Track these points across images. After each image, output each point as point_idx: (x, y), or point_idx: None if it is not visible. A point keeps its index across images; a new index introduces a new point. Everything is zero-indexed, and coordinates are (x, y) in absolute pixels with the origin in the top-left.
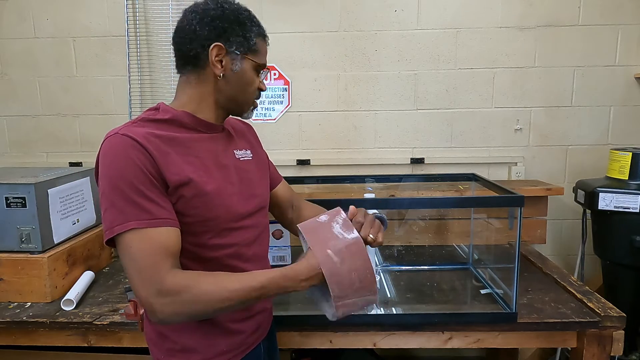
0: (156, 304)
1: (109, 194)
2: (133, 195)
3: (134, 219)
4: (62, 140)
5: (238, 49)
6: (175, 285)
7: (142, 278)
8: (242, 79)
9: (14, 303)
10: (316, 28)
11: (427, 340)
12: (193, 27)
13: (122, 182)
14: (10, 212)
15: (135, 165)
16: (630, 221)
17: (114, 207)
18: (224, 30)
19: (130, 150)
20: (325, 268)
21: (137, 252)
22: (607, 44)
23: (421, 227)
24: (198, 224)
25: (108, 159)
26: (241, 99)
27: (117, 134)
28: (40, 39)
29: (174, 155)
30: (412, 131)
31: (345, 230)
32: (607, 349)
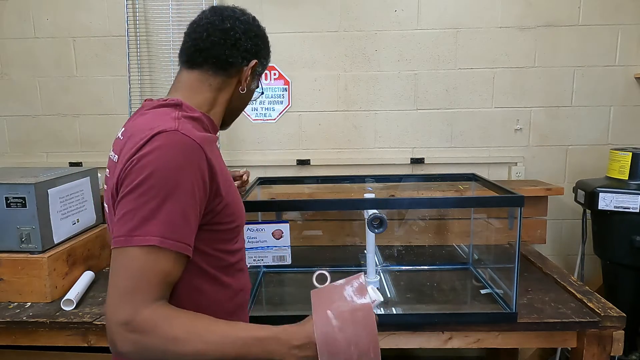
0: (120, 334)
1: (145, 194)
2: (175, 206)
3: (160, 235)
4: (62, 140)
5: (262, 67)
6: (146, 322)
7: (119, 301)
8: (248, 98)
9: (14, 303)
10: (316, 28)
11: (427, 340)
12: (238, 35)
13: (172, 190)
14: (10, 212)
15: (191, 176)
16: (630, 221)
17: (144, 211)
18: (260, 49)
19: (191, 154)
20: (319, 331)
21: (134, 270)
22: (607, 44)
23: (421, 227)
24: (232, 230)
25: (163, 155)
26: (237, 114)
27: (177, 131)
28: (40, 39)
29: (219, 159)
30: (412, 131)
31: (357, 294)
32: (607, 349)
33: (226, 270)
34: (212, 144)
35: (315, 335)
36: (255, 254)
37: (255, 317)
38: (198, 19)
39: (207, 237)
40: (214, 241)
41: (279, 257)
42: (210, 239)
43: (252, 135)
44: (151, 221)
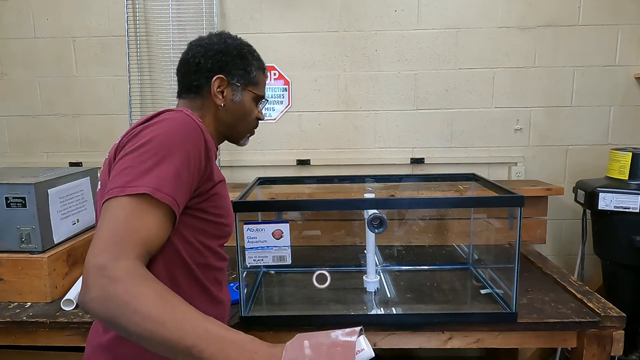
0: (92, 278)
1: (143, 154)
2: (170, 167)
3: (152, 186)
4: (62, 140)
5: (239, 81)
6: (121, 270)
7: (102, 247)
8: (241, 109)
9: (14, 303)
10: (316, 28)
11: (427, 340)
12: (197, 59)
13: (169, 149)
14: (10, 212)
15: (190, 149)
16: (630, 221)
17: (140, 168)
18: (226, 64)
19: (193, 131)
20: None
21: (125, 219)
22: (607, 44)
23: (421, 227)
24: (218, 226)
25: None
26: (240, 127)
27: (181, 112)
28: (40, 39)
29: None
30: (412, 131)
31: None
32: (607, 349)
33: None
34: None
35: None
36: (255, 254)
37: (256, 317)
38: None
39: (191, 224)
40: (198, 231)
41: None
42: (194, 226)
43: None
44: (146, 175)
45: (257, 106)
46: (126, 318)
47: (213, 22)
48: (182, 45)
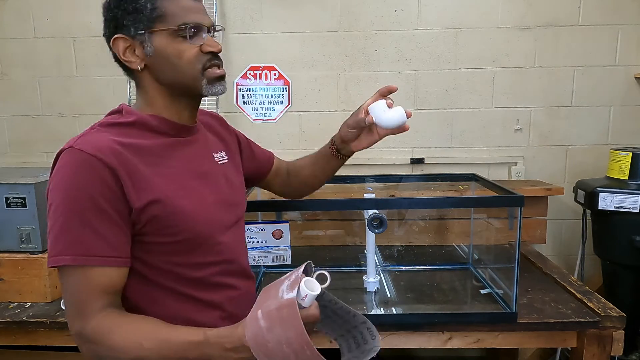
0: (78, 344)
1: (55, 217)
2: (82, 225)
3: (71, 254)
4: (62, 140)
5: (138, 28)
6: (93, 334)
7: (71, 315)
8: (165, 58)
9: (14, 303)
10: (316, 28)
11: (427, 340)
12: (103, 17)
13: (71, 207)
14: (10, 212)
15: (90, 190)
16: (630, 221)
17: (56, 232)
18: (114, 19)
19: (87, 169)
20: (250, 332)
21: (71, 287)
22: (607, 44)
23: (421, 227)
24: (180, 243)
25: (61, 177)
26: (182, 75)
27: (72, 148)
28: (40, 39)
29: (143, 168)
30: (412, 131)
31: (289, 289)
32: (607, 349)
33: (190, 283)
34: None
35: (246, 339)
36: (255, 254)
37: None
38: None
39: (151, 250)
40: (162, 254)
41: (279, 257)
42: (155, 251)
43: (252, 135)
44: (60, 241)
45: (188, 41)
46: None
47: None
48: None
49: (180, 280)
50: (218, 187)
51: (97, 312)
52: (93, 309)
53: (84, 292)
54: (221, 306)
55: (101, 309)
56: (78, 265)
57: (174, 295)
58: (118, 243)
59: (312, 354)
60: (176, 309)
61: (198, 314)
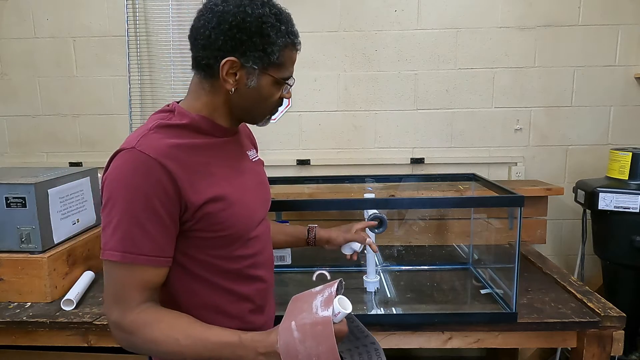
0: (114, 333)
1: (110, 213)
2: (134, 224)
3: (122, 250)
4: (62, 140)
5: (256, 63)
6: (131, 325)
7: (110, 304)
8: (258, 95)
9: (14, 303)
10: (316, 28)
11: (427, 340)
12: (208, 32)
13: (129, 206)
14: (10, 212)
15: (147, 191)
16: (630, 221)
17: (115, 229)
18: (241, 43)
19: (146, 171)
20: (282, 341)
21: (114, 279)
22: (607, 44)
23: (421, 227)
24: (224, 238)
25: (120, 175)
26: (257, 112)
27: (134, 150)
28: (40, 39)
29: (198, 168)
30: (412, 131)
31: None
32: (607, 349)
33: (226, 275)
34: (190, 152)
35: (277, 346)
36: None
37: None
38: None
39: (194, 244)
40: (204, 247)
41: (279, 257)
42: (197, 245)
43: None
44: (113, 237)
45: (280, 89)
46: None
47: None
48: (182, 45)
49: (216, 272)
50: (254, 184)
51: (137, 306)
52: (133, 302)
53: (126, 286)
54: (251, 298)
55: (140, 302)
56: (126, 264)
57: (209, 285)
58: (165, 244)
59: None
60: (210, 299)
61: (230, 305)
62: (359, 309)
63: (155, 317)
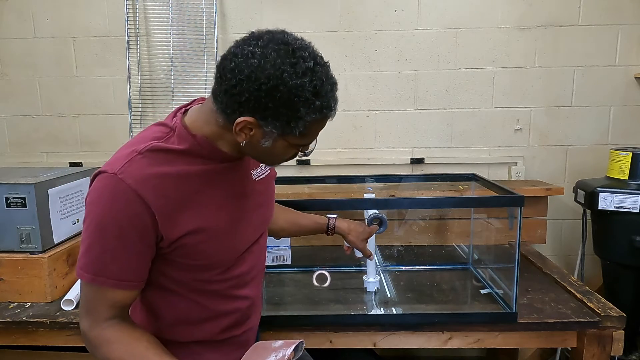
0: (83, 339)
1: (86, 233)
2: (106, 249)
3: (91, 272)
4: (62, 140)
5: (275, 129)
6: (95, 340)
7: (82, 313)
8: (269, 153)
9: (14, 303)
10: (316, 28)
11: (427, 340)
12: (235, 81)
13: (102, 232)
14: (10, 212)
15: (121, 221)
16: (630, 221)
17: (83, 248)
18: (265, 108)
19: (124, 201)
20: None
21: (86, 294)
22: (607, 44)
23: (421, 227)
24: (203, 266)
25: (98, 199)
26: (265, 161)
27: (115, 176)
28: (40, 39)
29: (182, 199)
30: (412, 131)
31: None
32: (607, 349)
33: (205, 295)
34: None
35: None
36: None
37: None
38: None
39: (173, 267)
40: (183, 270)
41: (279, 257)
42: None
43: None
44: (84, 258)
45: (297, 150)
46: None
47: (213, 22)
48: (182, 45)
49: (196, 292)
50: (253, 207)
51: (103, 322)
52: (101, 318)
53: (95, 303)
54: (232, 315)
55: (108, 319)
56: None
57: (188, 302)
58: (137, 269)
59: None
60: (189, 315)
61: (208, 320)
62: (359, 309)
63: (116, 336)
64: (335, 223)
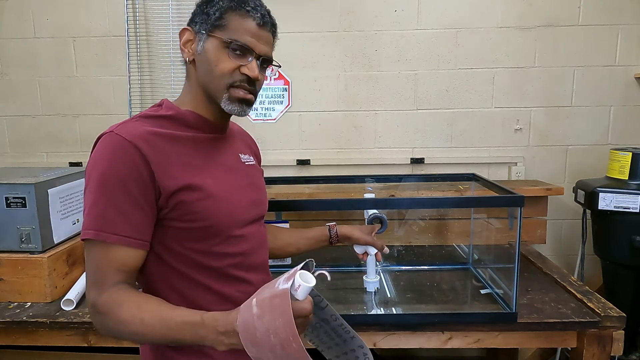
0: (92, 317)
1: (88, 194)
2: (109, 204)
3: (95, 229)
4: (62, 140)
5: (202, 27)
6: (104, 305)
7: (89, 286)
8: (207, 60)
9: (14, 303)
10: (316, 28)
11: (427, 340)
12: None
13: (104, 187)
14: (10, 212)
15: (121, 172)
16: (630, 221)
17: (90, 209)
18: (195, 14)
19: (121, 153)
20: (241, 318)
21: (92, 260)
22: (607, 44)
23: (421, 227)
24: (200, 230)
25: (98, 157)
26: (212, 83)
27: (111, 133)
28: (40, 39)
29: (176, 156)
30: (412, 131)
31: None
32: (607, 349)
33: (205, 272)
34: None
35: (236, 323)
36: None
37: None
38: None
39: (171, 234)
40: (180, 239)
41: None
42: (173, 235)
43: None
44: (88, 217)
45: (232, 55)
46: (125, 336)
47: None
48: None
49: (196, 268)
50: (242, 183)
51: (111, 286)
52: (108, 283)
53: (102, 266)
54: (235, 300)
55: (115, 283)
56: (99, 240)
57: (190, 282)
58: (140, 226)
59: (297, 347)
60: (191, 297)
61: (211, 305)
62: (359, 308)
63: (126, 296)
64: (336, 229)
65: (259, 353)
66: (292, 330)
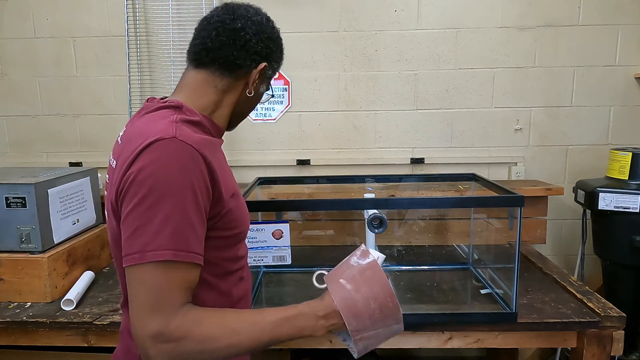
0: (153, 349)
1: (150, 208)
2: (184, 219)
3: (173, 248)
4: (62, 140)
5: (271, 73)
6: (179, 329)
7: (145, 315)
8: (256, 101)
9: (14, 303)
10: (316, 28)
11: (427, 340)
12: (249, 36)
13: (175, 200)
14: (10, 212)
15: (193, 183)
16: (630, 221)
17: (162, 224)
18: (272, 52)
19: (191, 161)
20: (338, 297)
21: (154, 282)
22: (607, 44)
23: (421, 227)
24: (235, 236)
25: (164, 166)
26: (240, 116)
27: (174, 139)
28: (40, 39)
29: (219, 163)
30: (412, 131)
31: (362, 258)
32: (607, 349)
33: (225, 277)
34: (213, 148)
35: (335, 303)
36: (255, 254)
37: None
38: (209, 15)
39: (209, 244)
40: (215, 248)
41: (279, 257)
42: (211, 246)
43: (252, 135)
44: (161, 234)
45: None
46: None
47: None
48: (183, 45)
49: (219, 275)
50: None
51: (180, 308)
52: (176, 305)
53: (168, 289)
54: (242, 299)
55: (183, 304)
56: (171, 262)
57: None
58: (202, 242)
59: (394, 305)
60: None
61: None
62: None
63: (202, 314)
64: None
65: (358, 324)
66: (389, 291)
